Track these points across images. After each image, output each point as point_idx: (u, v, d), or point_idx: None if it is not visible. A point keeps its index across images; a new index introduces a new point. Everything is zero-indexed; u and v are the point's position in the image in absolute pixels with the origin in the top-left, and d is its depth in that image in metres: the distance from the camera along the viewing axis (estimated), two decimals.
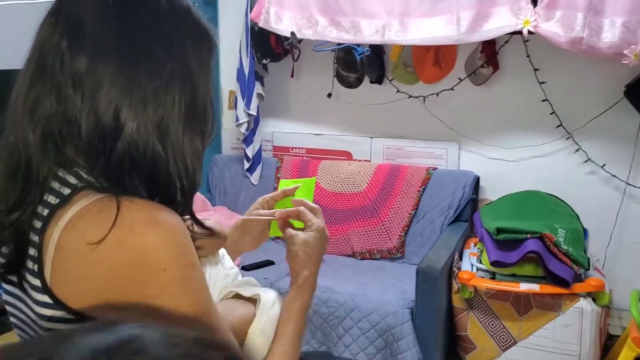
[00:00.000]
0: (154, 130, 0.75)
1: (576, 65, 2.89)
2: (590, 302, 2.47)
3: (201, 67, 0.80)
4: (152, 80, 0.74)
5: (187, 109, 0.78)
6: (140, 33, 0.75)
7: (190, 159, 0.79)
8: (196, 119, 0.79)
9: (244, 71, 3.29)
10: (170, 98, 0.76)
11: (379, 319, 2.55)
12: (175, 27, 0.78)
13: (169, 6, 0.78)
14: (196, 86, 0.79)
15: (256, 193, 3.46)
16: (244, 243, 1.15)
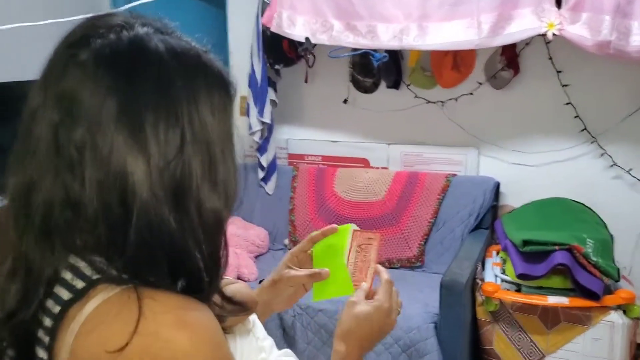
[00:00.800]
0: (168, 204, 0.65)
1: (601, 67, 2.80)
2: (620, 315, 2.39)
3: (219, 123, 0.70)
4: (162, 150, 0.64)
5: (206, 174, 0.68)
6: (142, 100, 0.64)
7: (212, 232, 0.69)
8: (216, 184, 0.69)
9: (256, 77, 3.21)
10: (185, 166, 0.66)
11: (402, 334, 2.47)
12: (185, 86, 0.67)
13: (176, 63, 0.67)
14: (215, 146, 0.69)
15: (272, 203, 3.40)
16: (275, 304, 1.06)
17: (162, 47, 0.67)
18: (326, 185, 3.30)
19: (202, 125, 0.67)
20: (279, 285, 1.03)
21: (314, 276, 1.01)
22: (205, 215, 0.67)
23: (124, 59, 0.65)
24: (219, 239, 0.71)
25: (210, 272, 0.69)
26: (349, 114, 3.36)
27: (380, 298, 0.94)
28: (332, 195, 3.27)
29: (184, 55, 0.68)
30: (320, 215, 3.25)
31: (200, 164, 0.66)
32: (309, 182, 3.35)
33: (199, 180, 0.66)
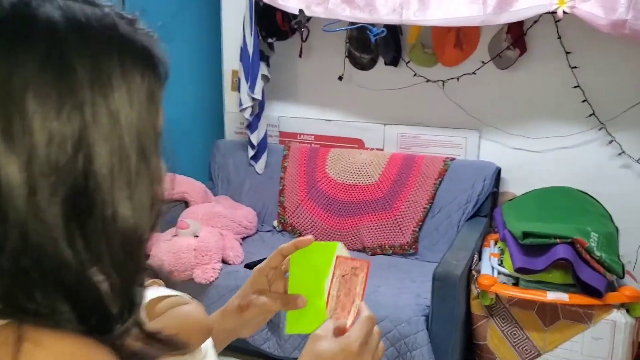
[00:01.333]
0: (58, 222, 0.48)
1: (612, 49, 2.63)
2: (624, 314, 2.25)
3: (140, 115, 0.53)
4: (50, 149, 0.48)
5: (118, 182, 0.51)
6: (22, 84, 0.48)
7: (124, 257, 0.53)
8: (132, 195, 0.52)
9: (248, 51, 3.04)
10: (85, 170, 0.49)
11: (391, 326, 2.34)
12: (88, 66, 0.50)
13: (76, 36, 0.50)
14: (131, 145, 0.52)
15: (261, 183, 3.25)
16: (240, 331, 0.89)
17: (57, 14, 0.50)
18: (318, 166, 3.15)
19: (111, 117, 0.51)
20: (246, 313, 0.86)
21: (289, 304, 0.84)
22: (115, 235, 0.51)
23: (3, 29, 0.49)
24: (134, 265, 0.54)
25: (123, 307, 0.53)
26: (345, 91, 3.19)
27: (352, 335, 0.75)
28: (323, 177, 3.11)
29: (89, 25, 0.51)
30: (311, 197, 3.10)
31: (109, 169, 0.50)
32: (300, 162, 3.19)
33: (107, 190, 0.50)
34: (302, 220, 3.11)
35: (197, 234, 2.64)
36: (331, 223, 3.05)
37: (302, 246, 0.85)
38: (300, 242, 0.85)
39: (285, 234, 3.15)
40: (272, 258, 0.87)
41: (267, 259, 0.87)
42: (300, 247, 0.85)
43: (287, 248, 0.86)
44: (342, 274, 0.82)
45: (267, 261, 0.87)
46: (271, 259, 0.87)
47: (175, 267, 2.53)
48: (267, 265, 0.87)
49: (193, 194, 2.99)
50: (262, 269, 0.87)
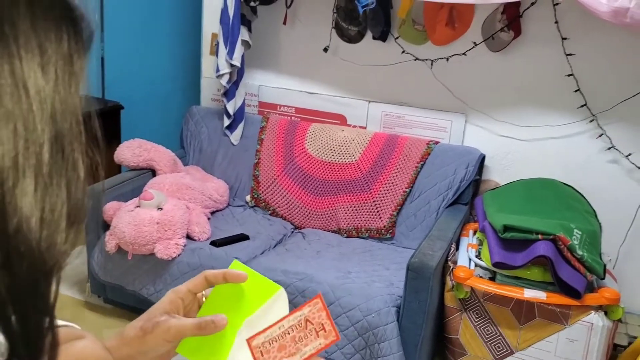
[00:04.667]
0: None
1: (612, 38, 2.50)
2: (601, 317, 2.17)
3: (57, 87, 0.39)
4: None
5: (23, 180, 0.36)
6: None
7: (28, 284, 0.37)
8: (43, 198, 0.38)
9: (228, 13, 2.86)
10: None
11: (360, 316, 2.23)
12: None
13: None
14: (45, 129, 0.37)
15: (236, 155, 3.10)
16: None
17: None
18: (297, 141, 3.00)
19: (17, 87, 0.36)
20: (149, 338, 0.67)
21: (205, 328, 0.67)
22: (20, 252, 0.36)
23: None
24: (42, 299, 0.39)
25: (22, 350, 0.38)
26: (329, 64, 3.04)
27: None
28: (302, 152, 2.97)
29: None
30: (287, 173, 2.97)
31: (12, 160, 0.36)
32: (278, 135, 3.05)
33: (8, 190, 0.36)
34: (276, 196, 2.98)
35: (162, 206, 2.49)
36: (307, 201, 2.92)
37: (232, 281, 0.70)
38: (231, 276, 0.70)
39: (258, 210, 3.02)
40: (194, 282, 0.71)
41: (188, 282, 0.72)
42: (229, 281, 0.70)
43: (215, 277, 0.70)
44: (307, 318, 0.67)
45: (187, 284, 0.72)
46: (193, 282, 0.71)
47: (136, 240, 2.39)
48: (186, 288, 0.71)
49: (161, 163, 2.84)
50: (179, 291, 0.71)
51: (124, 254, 2.52)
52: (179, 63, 3.62)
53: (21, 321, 0.37)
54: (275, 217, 2.96)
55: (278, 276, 2.33)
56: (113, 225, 2.49)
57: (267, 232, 2.76)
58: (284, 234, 2.83)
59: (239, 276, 0.70)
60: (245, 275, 0.70)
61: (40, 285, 0.38)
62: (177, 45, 3.68)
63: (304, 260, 2.52)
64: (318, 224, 2.91)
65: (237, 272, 0.70)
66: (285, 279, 2.32)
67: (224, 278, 0.70)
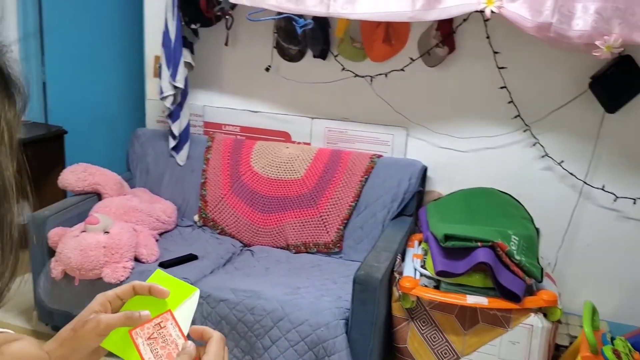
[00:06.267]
0: None
1: (540, 51, 2.62)
2: (541, 318, 2.25)
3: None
4: None
5: None
6: None
7: None
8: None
9: (170, 36, 2.88)
10: None
11: (310, 330, 2.26)
12: None
13: None
14: None
15: (182, 175, 3.11)
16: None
17: None
18: (242, 159, 3.03)
19: None
20: (80, 335, 0.74)
21: (131, 319, 0.74)
22: None
23: None
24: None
25: None
26: (272, 82, 3.08)
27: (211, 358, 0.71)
28: (248, 170, 3.00)
29: None
30: (234, 191, 2.99)
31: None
32: (224, 154, 3.07)
33: None
34: (224, 215, 2.99)
35: (108, 229, 2.48)
36: (255, 219, 2.95)
37: (157, 296, 0.77)
38: (155, 291, 0.77)
39: (206, 229, 3.03)
40: (123, 288, 0.78)
41: (117, 288, 0.78)
42: (153, 295, 0.77)
43: (141, 288, 0.77)
44: (147, 339, 0.75)
45: (116, 290, 0.78)
46: (121, 289, 0.78)
47: (83, 265, 2.37)
48: (114, 293, 0.78)
49: (107, 186, 2.82)
50: (108, 295, 0.77)
51: (71, 280, 2.49)
52: (122, 86, 3.61)
53: None
54: (224, 236, 2.98)
55: (227, 294, 2.35)
56: (58, 251, 2.47)
57: (215, 251, 2.78)
58: (233, 252, 2.84)
59: (162, 292, 0.77)
60: (167, 292, 0.77)
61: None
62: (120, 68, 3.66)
63: (253, 277, 2.55)
64: (267, 240, 2.94)
65: (160, 289, 0.77)
66: (234, 297, 2.33)
67: (149, 291, 0.77)
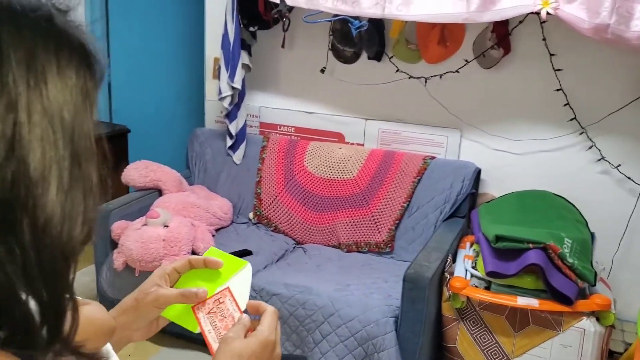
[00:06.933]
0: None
1: (597, 53, 2.59)
2: (593, 322, 2.23)
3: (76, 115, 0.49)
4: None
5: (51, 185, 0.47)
6: None
7: (54, 267, 0.48)
8: (65, 200, 0.48)
9: (229, 38, 2.98)
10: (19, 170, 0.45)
11: (360, 326, 2.30)
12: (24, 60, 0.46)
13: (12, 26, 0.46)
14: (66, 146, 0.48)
15: (239, 174, 3.20)
16: (134, 330, 0.86)
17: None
18: (296, 159, 3.10)
19: (46, 116, 0.46)
20: (142, 305, 0.83)
21: (188, 297, 0.83)
22: (45, 247, 0.47)
23: None
24: (64, 278, 0.50)
25: (49, 322, 0.48)
26: (327, 84, 3.14)
27: (265, 330, 0.77)
28: (301, 170, 3.07)
29: (26, 16, 0.47)
30: (288, 190, 3.06)
31: (41, 173, 0.46)
32: (279, 154, 3.14)
33: (39, 196, 0.46)
34: (278, 213, 3.07)
35: (168, 223, 2.59)
36: (307, 217, 3.01)
37: (211, 267, 0.86)
38: (209, 263, 0.86)
39: (260, 226, 3.11)
40: (180, 262, 0.87)
41: (174, 262, 0.88)
42: (208, 267, 0.86)
43: (197, 262, 0.86)
44: (207, 313, 0.83)
45: (174, 263, 0.87)
46: (179, 262, 0.87)
47: (143, 257, 2.48)
48: (172, 267, 0.87)
49: (167, 183, 2.94)
50: (166, 268, 0.86)
51: (132, 271, 2.60)
52: (182, 87, 3.74)
53: (49, 293, 0.48)
54: (278, 233, 3.05)
55: (279, 289, 2.42)
56: (121, 243, 2.59)
57: (269, 248, 2.85)
58: (286, 249, 2.91)
59: (216, 264, 0.86)
60: (221, 263, 0.85)
61: (61, 268, 0.49)
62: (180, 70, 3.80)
63: (305, 273, 2.60)
64: (319, 239, 2.99)
65: (215, 260, 0.85)
66: (286, 292, 2.40)
67: (204, 264, 0.86)
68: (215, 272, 0.86)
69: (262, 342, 0.75)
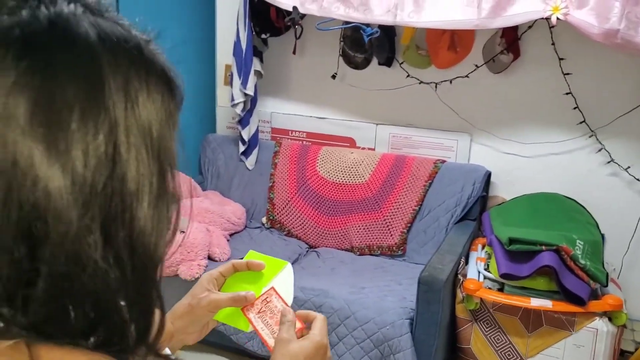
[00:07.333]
0: (96, 237, 0.48)
1: (606, 57, 2.63)
2: (606, 322, 2.26)
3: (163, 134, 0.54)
4: (90, 164, 0.48)
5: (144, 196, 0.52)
6: (64, 102, 0.47)
7: (145, 273, 0.53)
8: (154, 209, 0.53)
9: (241, 46, 3.02)
10: (118, 184, 0.49)
11: (375, 328, 2.34)
12: (122, 87, 0.50)
13: (110, 56, 0.50)
14: (156, 161, 0.52)
15: (251, 179, 3.24)
16: (188, 333, 0.91)
17: (93, 33, 0.50)
18: (308, 164, 3.14)
19: (139, 136, 0.51)
20: (196, 310, 0.89)
21: (238, 300, 0.89)
22: (139, 254, 0.52)
23: (40, 46, 0.48)
24: (152, 283, 0.54)
25: (139, 325, 0.53)
26: (338, 90, 3.19)
27: (317, 333, 0.83)
28: (314, 175, 3.11)
29: (121, 46, 0.52)
30: (301, 195, 3.10)
31: (136, 186, 0.51)
32: (291, 159, 3.19)
33: (134, 207, 0.51)
34: (291, 217, 3.11)
35: (183, 229, 2.63)
36: (320, 221, 3.05)
37: (254, 269, 0.92)
38: (252, 265, 0.92)
39: (273, 231, 3.15)
40: (225, 267, 0.93)
41: (219, 267, 0.93)
42: (251, 269, 0.92)
43: (240, 265, 0.93)
44: (257, 313, 0.88)
45: (219, 268, 0.93)
46: (224, 267, 0.93)
47: None
48: (218, 271, 0.93)
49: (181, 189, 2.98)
50: (213, 273, 0.92)
51: None
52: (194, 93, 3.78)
53: (141, 298, 0.53)
54: (291, 238, 3.09)
55: (295, 292, 2.43)
56: None
57: (283, 252, 2.89)
58: (300, 253, 2.95)
59: (259, 266, 0.92)
60: (263, 265, 0.92)
61: (151, 273, 0.54)
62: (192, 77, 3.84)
63: (319, 277, 2.64)
64: (331, 242, 3.03)
65: (257, 262, 0.92)
66: (302, 295, 2.44)
67: (248, 266, 0.92)
68: (258, 274, 0.91)
69: (316, 345, 0.80)
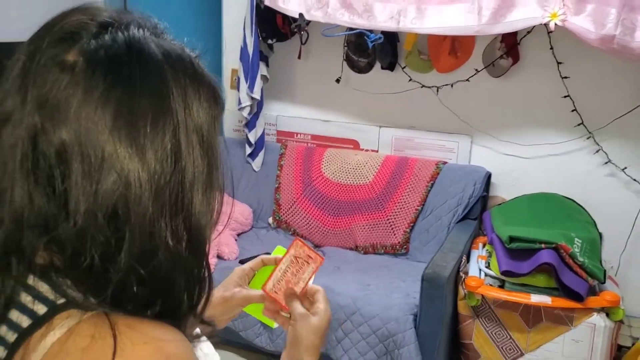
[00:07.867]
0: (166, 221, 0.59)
1: (602, 61, 2.71)
2: (603, 318, 2.34)
3: (211, 136, 0.65)
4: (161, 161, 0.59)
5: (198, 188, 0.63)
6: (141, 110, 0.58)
7: (198, 251, 0.64)
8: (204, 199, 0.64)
9: (248, 51, 3.10)
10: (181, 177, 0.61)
11: (380, 324, 2.42)
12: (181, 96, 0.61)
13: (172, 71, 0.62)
14: (207, 159, 0.64)
15: (258, 180, 3.32)
16: (219, 321, 1.01)
17: (159, 52, 0.62)
18: (313, 165, 3.23)
19: (195, 137, 0.62)
20: (230, 303, 0.99)
21: (267, 298, 0.98)
22: (194, 235, 0.63)
23: (121, 64, 0.59)
24: (203, 259, 0.66)
25: (193, 296, 0.65)
26: (342, 93, 3.27)
27: (327, 308, 0.94)
28: (319, 176, 3.19)
29: (179, 62, 0.63)
30: (306, 196, 3.18)
31: (193, 178, 0.62)
32: (297, 161, 3.27)
33: (192, 195, 0.62)
34: (296, 218, 3.19)
35: None
36: (325, 221, 3.13)
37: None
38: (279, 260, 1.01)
39: (280, 231, 3.23)
40: (254, 262, 1.03)
41: (249, 262, 1.03)
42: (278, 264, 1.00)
43: (269, 260, 1.02)
44: (295, 255, 0.96)
45: (249, 264, 1.03)
46: (253, 262, 1.03)
47: None
48: (249, 267, 1.03)
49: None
50: (244, 269, 1.02)
51: None
52: None
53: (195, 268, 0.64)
54: None
55: None
56: None
57: None
58: None
59: None
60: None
61: (203, 248, 0.65)
62: None
63: (325, 275, 2.72)
64: (336, 242, 3.11)
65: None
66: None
67: (275, 260, 1.01)
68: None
69: (329, 318, 0.92)
